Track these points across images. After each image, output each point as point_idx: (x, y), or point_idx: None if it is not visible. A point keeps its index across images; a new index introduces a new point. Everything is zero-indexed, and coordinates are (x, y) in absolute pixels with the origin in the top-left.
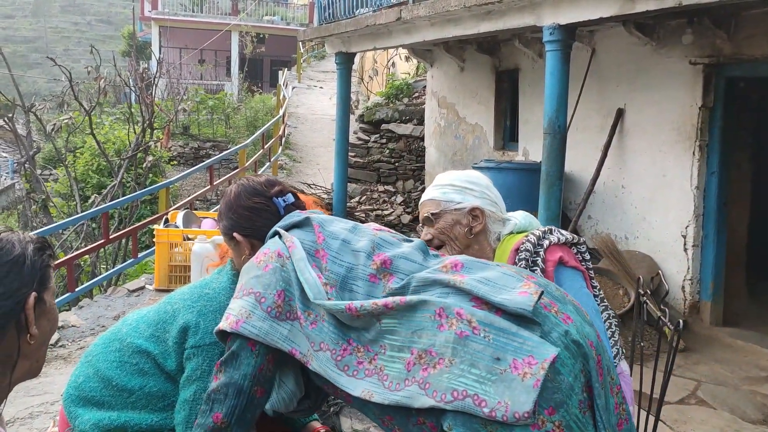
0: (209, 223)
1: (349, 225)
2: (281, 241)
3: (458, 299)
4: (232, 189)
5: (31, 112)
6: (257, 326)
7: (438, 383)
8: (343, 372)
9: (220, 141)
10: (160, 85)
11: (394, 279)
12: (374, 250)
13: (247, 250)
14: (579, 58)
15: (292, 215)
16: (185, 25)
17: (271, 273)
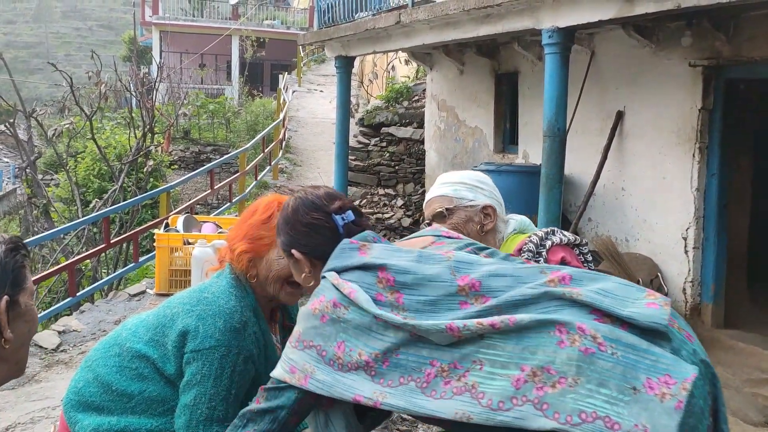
0: (209, 228)
1: (413, 255)
2: (337, 290)
3: (576, 313)
4: (290, 203)
5: (33, 118)
6: (321, 380)
7: (560, 404)
8: (431, 398)
9: (220, 145)
10: (160, 89)
11: (491, 300)
12: (455, 275)
13: (307, 268)
14: (578, 60)
15: (344, 250)
16: (186, 30)
17: (329, 324)
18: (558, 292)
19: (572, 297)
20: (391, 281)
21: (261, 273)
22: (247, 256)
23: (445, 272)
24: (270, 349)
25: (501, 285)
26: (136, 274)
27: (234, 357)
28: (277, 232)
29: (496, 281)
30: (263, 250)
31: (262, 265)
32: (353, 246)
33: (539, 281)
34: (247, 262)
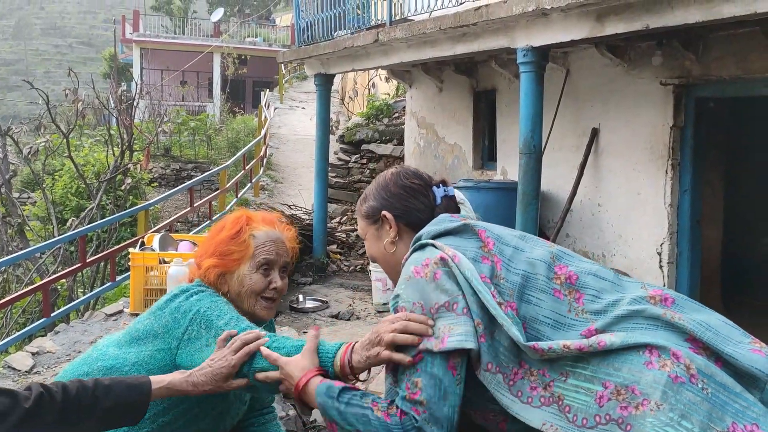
0: (186, 246)
1: (516, 232)
2: (438, 250)
3: (671, 338)
4: (387, 171)
5: (8, 135)
6: (462, 332)
7: (641, 426)
8: (516, 398)
9: (201, 162)
10: (140, 106)
11: (584, 297)
12: (554, 261)
13: (392, 233)
14: (554, 78)
15: (443, 220)
16: (167, 47)
17: (445, 278)
18: (657, 312)
19: (672, 320)
20: (491, 245)
21: (233, 289)
22: (215, 271)
23: (545, 255)
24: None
25: (597, 286)
26: (113, 293)
27: (224, 303)
28: (362, 201)
29: (594, 281)
30: (233, 265)
31: (233, 281)
32: (454, 218)
33: (639, 294)
34: (216, 278)
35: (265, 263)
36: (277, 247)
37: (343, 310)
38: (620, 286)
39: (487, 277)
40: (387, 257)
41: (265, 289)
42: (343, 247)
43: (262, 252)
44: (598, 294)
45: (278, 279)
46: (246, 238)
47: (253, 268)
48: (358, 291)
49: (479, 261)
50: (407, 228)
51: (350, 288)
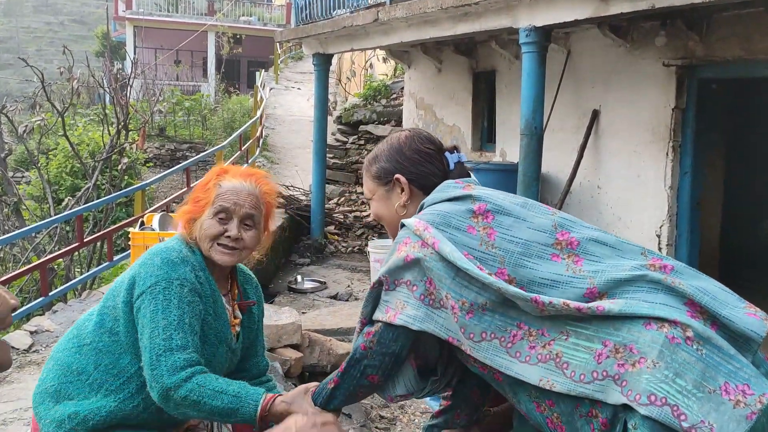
0: None
1: (519, 199)
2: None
3: (670, 300)
4: (400, 133)
5: (2, 114)
6: (412, 315)
7: (635, 383)
8: (515, 359)
9: (196, 142)
10: (135, 86)
11: (584, 262)
12: (556, 228)
13: (405, 197)
14: (555, 59)
15: (448, 186)
16: (160, 26)
17: (413, 264)
18: (657, 277)
19: (672, 285)
20: (488, 218)
21: (196, 234)
22: (186, 216)
23: (547, 223)
24: (220, 308)
25: (598, 252)
26: (110, 273)
27: (177, 287)
28: (372, 161)
29: (595, 247)
30: (199, 211)
31: (197, 226)
32: (457, 185)
33: (638, 262)
34: (186, 223)
35: (221, 210)
36: (239, 197)
37: (342, 290)
38: (621, 251)
39: (469, 251)
40: (395, 218)
41: (219, 236)
42: (341, 228)
43: (219, 200)
44: (599, 259)
45: (234, 228)
46: (211, 186)
47: (210, 215)
48: (356, 272)
49: (464, 230)
50: (419, 191)
51: (348, 269)
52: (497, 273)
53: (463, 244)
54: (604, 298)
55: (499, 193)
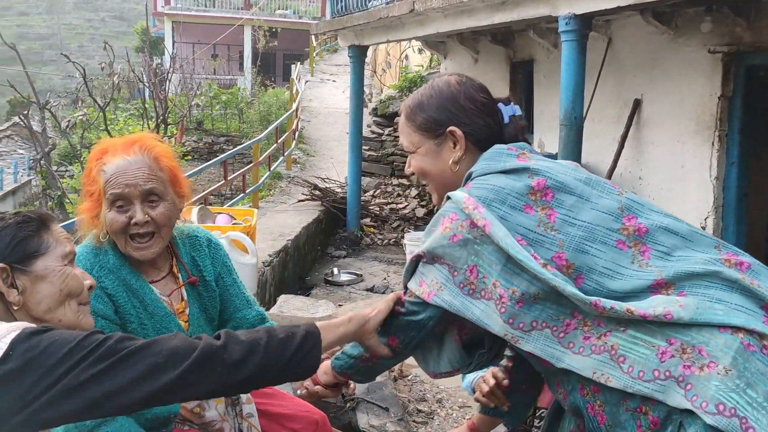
0: (224, 219)
1: (582, 175)
2: (467, 216)
3: (747, 303)
4: (449, 78)
5: (46, 109)
6: (447, 301)
7: (702, 388)
8: (568, 349)
9: (233, 136)
10: (173, 80)
11: (651, 252)
12: (623, 211)
13: (460, 152)
14: (595, 48)
15: (500, 154)
16: (198, 20)
17: (460, 245)
18: (733, 276)
19: (750, 286)
20: (548, 196)
21: (105, 230)
22: (88, 214)
23: (613, 205)
24: (151, 304)
25: (668, 242)
26: None
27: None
28: (417, 110)
29: (664, 236)
30: (97, 205)
31: (101, 222)
32: (511, 152)
33: (712, 256)
34: (90, 222)
35: (116, 199)
36: (129, 177)
37: (378, 283)
38: (693, 243)
39: (524, 235)
40: (445, 175)
41: (127, 227)
42: (376, 221)
43: (109, 187)
44: (669, 251)
45: (139, 212)
46: (95, 174)
47: (107, 206)
48: (392, 264)
49: (520, 209)
50: (473, 146)
51: (384, 261)
52: (554, 257)
53: (518, 225)
54: (671, 289)
55: (559, 166)
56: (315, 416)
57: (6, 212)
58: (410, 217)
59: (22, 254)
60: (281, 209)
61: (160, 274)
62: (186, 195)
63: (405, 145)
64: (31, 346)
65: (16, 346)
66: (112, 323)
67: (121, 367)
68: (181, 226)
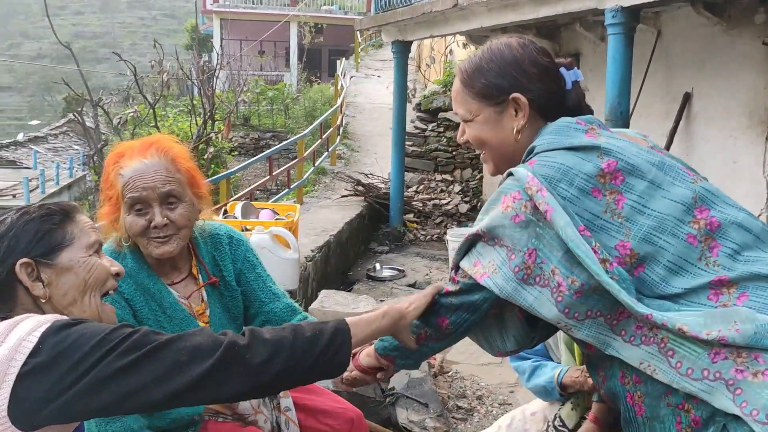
0: (267, 214)
1: (655, 157)
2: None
3: None
4: (510, 40)
5: (99, 106)
6: (500, 285)
7: (753, 395)
8: (619, 336)
9: (279, 131)
10: (221, 77)
11: (721, 249)
12: (696, 202)
13: (523, 120)
14: (643, 41)
15: (568, 128)
16: (245, 17)
17: (521, 227)
18: None
19: None
20: (618, 179)
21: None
22: (108, 218)
23: (687, 194)
24: (170, 307)
25: (739, 239)
26: None
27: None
28: (475, 75)
29: (737, 233)
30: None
31: (122, 226)
32: (579, 126)
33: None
34: (110, 225)
35: (135, 202)
36: (146, 180)
37: (420, 279)
38: (765, 243)
39: (589, 220)
40: (506, 145)
41: (147, 230)
42: (419, 216)
43: (127, 191)
44: (739, 249)
45: (158, 215)
46: (113, 178)
47: (126, 210)
48: (434, 260)
49: (588, 192)
50: (536, 114)
51: (427, 257)
52: (618, 245)
53: (584, 209)
54: (733, 288)
55: (631, 146)
56: (351, 414)
57: (31, 205)
58: (453, 212)
59: (47, 247)
60: (324, 205)
61: (181, 275)
62: (204, 195)
63: (461, 113)
64: (60, 339)
65: (45, 340)
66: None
67: (145, 362)
68: (203, 224)
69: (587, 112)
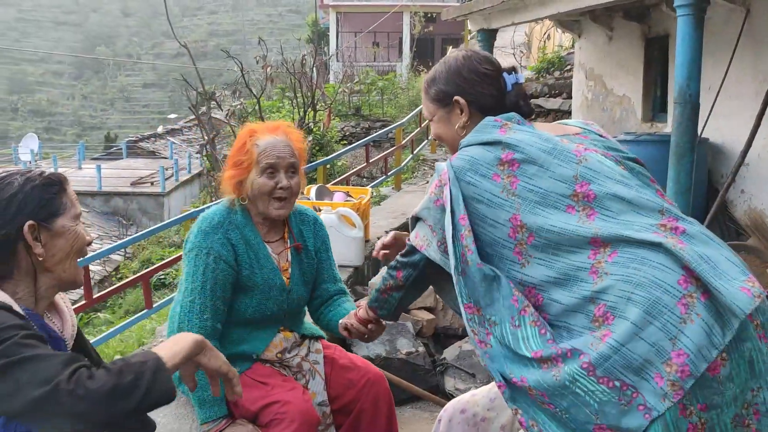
0: (340, 196)
1: (548, 144)
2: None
3: (667, 262)
4: (458, 54)
5: (213, 100)
6: (432, 255)
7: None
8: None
9: (388, 120)
10: (336, 68)
11: (597, 216)
12: (577, 179)
13: (464, 118)
14: (732, 20)
15: (486, 127)
16: (359, 10)
17: (441, 209)
18: (657, 241)
19: (672, 248)
20: (514, 166)
21: (248, 193)
22: (232, 181)
23: (568, 173)
24: (264, 258)
25: (614, 207)
26: None
27: (204, 256)
28: (430, 83)
29: (612, 202)
30: (244, 173)
31: (247, 186)
32: (496, 124)
33: (652, 221)
34: (234, 186)
35: (269, 167)
36: (279, 150)
37: None
38: (638, 207)
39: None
40: (455, 139)
41: (273, 190)
42: None
43: (263, 157)
44: (614, 215)
45: (284, 179)
46: (249, 147)
47: (258, 173)
48: None
49: (489, 177)
50: (477, 112)
51: None
52: (511, 218)
53: (485, 190)
54: (607, 248)
55: (533, 137)
56: (370, 371)
57: (30, 170)
58: None
59: (47, 213)
60: (409, 190)
61: (275, 237)
62: (302, 174)
63: (425, 114)
64: None
65: None
66: (231, 267)
67: (11, 371)
68: (295, 204)
69: (526, 110)
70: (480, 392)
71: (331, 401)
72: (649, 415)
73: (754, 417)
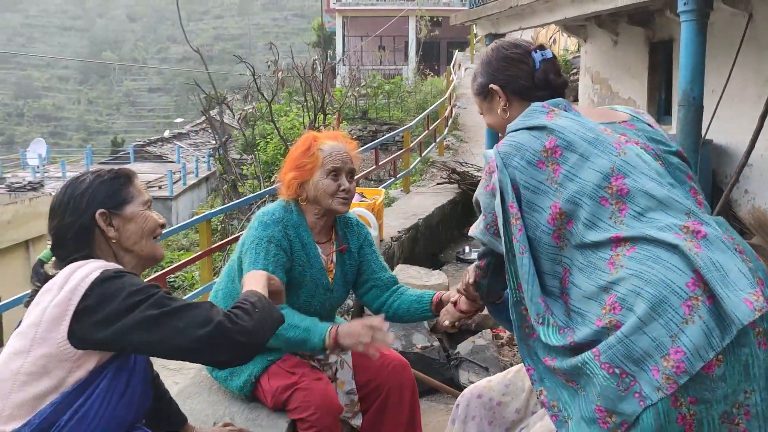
0: (354, 197)
1: (590, 135)
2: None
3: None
4: (488, 47)
5: (225, 104)
6: (478, 236)
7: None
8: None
9: (395, 124)
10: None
11: (628, 211)
12: (613, 171)
13: (502, 102)
14: (734, 24)
15: (534, 112)
16: (366, 14)
17: (491, 194)
18: (675, 242)
19: (688, 252)
20: (557, 153)
21: (310, 193)
22: (295, 182)
23: (606, 165)
24: (314, 258)
25: (644, 204)
26: None
27: (265, 243)
28: (473, 80)
29: (643, 198)
30: (307, 174)
31: (310, 187)
32: (543, 109)
33: (676, 221)
34: (297, 187)
35: (333, 170)
36: (342, 156)
37: None
38: (667, 207)
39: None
40: (503, 124)
41: (336, 191)
42: None
43: (329, 161)
44: (643, 212)
45: (346, 182)
46: (315, 151)
47: (323, 175)
48: None
49: (534, 164)
50: (514, 95)
51: None
52: (552, 205)
53: (531, 177)
54: (628, 242)
55: (577, 125)
56: (395, 360)
57: (101, 169)
58: None
59: (117, 202)
60: (420, 191)
61: (324, 239)
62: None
63: (479, 111)
64: (103, 289)
65: (94, 288)
66: (288, 258)
67: (162, 320)
68: None
69: (557, 83)
70: (495, 378)
71: (358, 389)
72: (643, 403)
73: (744, 417)
